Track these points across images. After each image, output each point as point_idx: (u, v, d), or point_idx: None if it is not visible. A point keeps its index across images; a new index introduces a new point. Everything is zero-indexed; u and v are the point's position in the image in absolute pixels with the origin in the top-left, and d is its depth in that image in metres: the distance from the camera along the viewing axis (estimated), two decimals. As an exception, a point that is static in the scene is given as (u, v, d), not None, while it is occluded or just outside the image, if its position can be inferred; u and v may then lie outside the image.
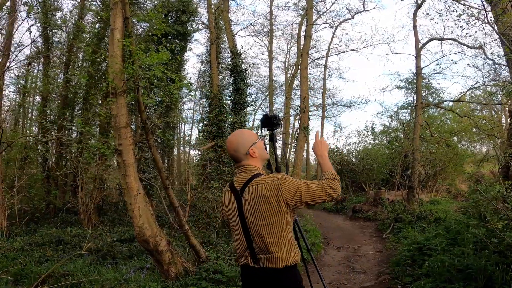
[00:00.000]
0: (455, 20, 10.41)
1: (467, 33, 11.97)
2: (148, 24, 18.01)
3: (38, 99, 20.24)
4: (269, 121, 2.86)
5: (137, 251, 8.04)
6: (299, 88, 19.10)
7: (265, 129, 2.96)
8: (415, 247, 6.99)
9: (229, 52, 14.63)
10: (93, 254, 8.41)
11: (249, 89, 14.74)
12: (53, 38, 17.80)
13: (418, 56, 14.95)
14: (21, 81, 19.44)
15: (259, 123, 3.01)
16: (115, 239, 8.42)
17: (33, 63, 20.34)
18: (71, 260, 7.94)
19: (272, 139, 2.95)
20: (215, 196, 10.23)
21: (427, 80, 20.97)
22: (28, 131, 20.52)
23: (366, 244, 9.94)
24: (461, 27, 12.81)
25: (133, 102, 6.58)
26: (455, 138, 20.44)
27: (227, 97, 14.66)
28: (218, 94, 13.18)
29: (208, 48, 15.78)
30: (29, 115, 21.45)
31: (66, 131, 16.93)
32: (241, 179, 2.43)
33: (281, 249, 2.30)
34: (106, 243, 8.44)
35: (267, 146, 2.89)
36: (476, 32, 12.48)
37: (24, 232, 12.19)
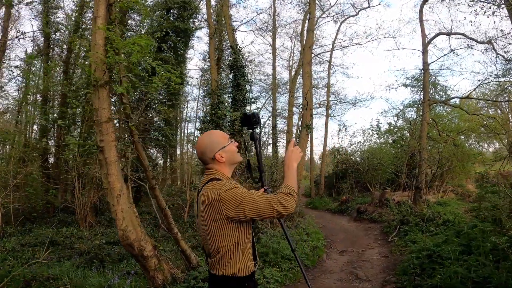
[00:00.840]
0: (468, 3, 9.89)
1: (485, 12, 11.25)
2: (149, 22, 17.73)
3: (39, 97, 19.93)
4: (248, 120, 2.75)
5: (127, 254, 7.61)
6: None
7: (245, 128, 2.90)
8: (424, 254, 6.40)
9: (229, 47, 14.14)
10: (84, 256, 8.04)
11: (250, 85, 14.23)
12: (53, 35, 17.53)
13: (425, 52, 14.39)
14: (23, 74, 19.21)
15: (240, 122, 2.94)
16: (103, 241, 8.00)
17: (34, 61, 20.11)
18: (58, 264, 7.62)
19: (253, 138, 2.78)
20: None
21: (434, 77, 20.39)
22: (29, 130, 20.26)
23: (370, 248, 9.42)
24: (475, 11, 12.18)
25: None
26: (462, 137, 19.86)
27: (229, 95, 14.19)
28: (216, 90, 12.71)
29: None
30: (31, 114, 21.11)
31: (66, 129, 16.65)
32: (202, 182, 2.36)
33: (219, 257, 2.22)
34: (95, 246, 7.99)
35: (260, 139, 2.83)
36: (494, 12, 11.72)
37: (19, 232, 11.95)
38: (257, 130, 2.82)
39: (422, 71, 14.87)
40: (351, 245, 9.97)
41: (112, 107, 7.01)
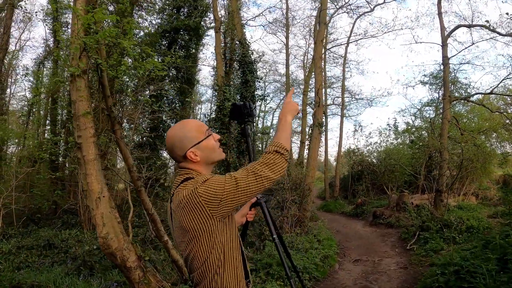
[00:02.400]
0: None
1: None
2: (160, 21, 17.33)
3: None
4: (238, 111, 2.20)
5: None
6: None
7: (235, 122, 2.32)
8: (451, 270, 5.48)
9: (237, 42, 13.48)
10: (77, 261, 7.52)
11: (260, 82, 13.55)
12: (63, 35, 17.25)
13: (444, 45, 13.56)
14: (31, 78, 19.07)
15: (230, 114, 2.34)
16: (94, 247, 7.43)
17: (44, 62, 20.02)
18: (49, 269, 7.15)
19: (245, 134, 2.26)
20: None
21: (454, 74, 19.50)
22: (39, 130, 20.10)
23: (387, 257, 8.61)
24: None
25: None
26: (483, 136, 18.93)
27: (237, 92, 13.57)
28: (222, 87, 12.07)
29: (223, 44, 14.67)
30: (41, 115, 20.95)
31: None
32: (174, 185, 1.84)
33: (202, 271, 1.72)
34: (84, 252, 7.44)
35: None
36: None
37: (20, 233, 11.65)
38: (250, 125, 2.27)
39: (442, 65, 14.06)
40: (366, 253, 9.19)
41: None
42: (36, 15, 16.78)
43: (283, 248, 2.32)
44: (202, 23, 17.28)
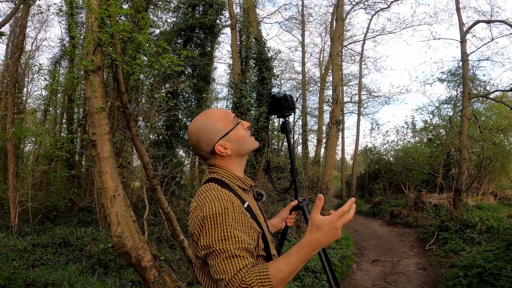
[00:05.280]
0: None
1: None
2: (175, 19, 17.36)
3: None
4: (278, 104, 1.89)
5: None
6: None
7: (275, 116, 1.98)
8: (474, 272, 5.28)
9: (253, 40, 13.39)
10: (93, 259, 7.49)
11: (276, 79, 13.43)
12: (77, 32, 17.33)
13: (463, 41, 13.27)
14: (47, 77, 19.29)
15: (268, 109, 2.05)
16: (110, 245, 7.39)
17: (60, 61, 20.20)
18: (64, 267, 7.14)
19: (286, 130, 1.93)
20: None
21: (472, 71, 19.10)
22: (55, 128, 20.31)
23: (406, 257, 8.42)
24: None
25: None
26: (501, 135, 18.49)
27: (253, 90, 13.49)
28: (238, 84, 11.97)
29: (239, 42, 14.54)
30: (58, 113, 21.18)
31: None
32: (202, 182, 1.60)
33: None
34: (99, 250, 7.41)
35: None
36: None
37: (36, 231, 11.72)
38: (291, 119, 1.97)
39: (461, 62, 13.76)
40: (384, 253, 9.00)
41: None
42: (48, 9, 16.90)
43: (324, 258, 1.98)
44: (217, 21, 17.24)
